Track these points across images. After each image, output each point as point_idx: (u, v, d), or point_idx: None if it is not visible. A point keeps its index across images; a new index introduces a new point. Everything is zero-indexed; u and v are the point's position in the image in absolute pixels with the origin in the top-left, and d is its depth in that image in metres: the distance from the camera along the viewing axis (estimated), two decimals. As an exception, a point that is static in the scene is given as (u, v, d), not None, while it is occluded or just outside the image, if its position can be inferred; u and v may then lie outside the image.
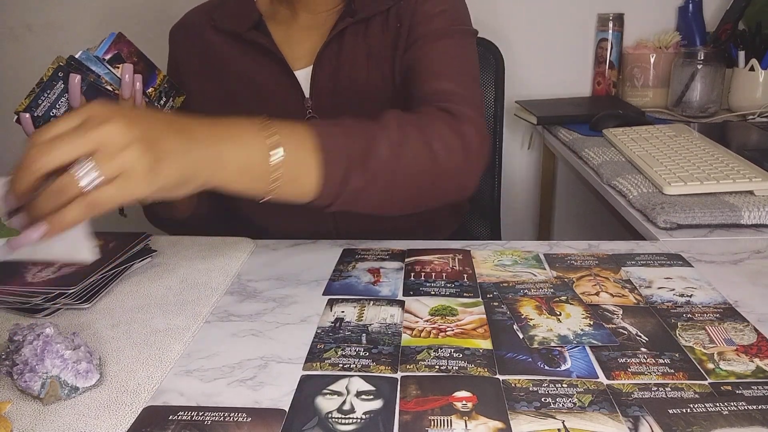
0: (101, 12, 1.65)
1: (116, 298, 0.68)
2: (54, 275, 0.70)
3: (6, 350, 0.54)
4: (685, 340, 0.56)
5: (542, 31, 1.56)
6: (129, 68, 0.69)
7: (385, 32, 0.87)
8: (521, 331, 0.58)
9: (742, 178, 0.88)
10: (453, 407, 0.47)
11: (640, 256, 0.73)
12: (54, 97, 0.65)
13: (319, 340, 0.58)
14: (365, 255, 0.76)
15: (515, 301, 0.64)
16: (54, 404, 0.50)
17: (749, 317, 0.59)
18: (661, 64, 1.48)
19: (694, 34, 1.49)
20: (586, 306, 0.62)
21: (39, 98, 0.66)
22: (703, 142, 1.05)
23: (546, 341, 0.56)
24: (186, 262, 0.77)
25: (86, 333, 0.61)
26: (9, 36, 1.68)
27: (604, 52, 1.54)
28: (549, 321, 0.60)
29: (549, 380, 0.51)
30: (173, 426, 0.47)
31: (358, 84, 0.87)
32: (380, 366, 0.53)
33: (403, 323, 0.60)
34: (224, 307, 0.65)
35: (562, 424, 0.45)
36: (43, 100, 0.65)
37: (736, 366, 0.52)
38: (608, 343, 0.55)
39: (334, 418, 0.47)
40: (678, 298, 0.63)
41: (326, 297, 0.66)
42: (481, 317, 0.61)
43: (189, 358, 0.56)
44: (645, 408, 0.47)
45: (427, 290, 0.67)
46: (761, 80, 1.35)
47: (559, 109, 1.41)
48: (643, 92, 1.50)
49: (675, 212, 0.81)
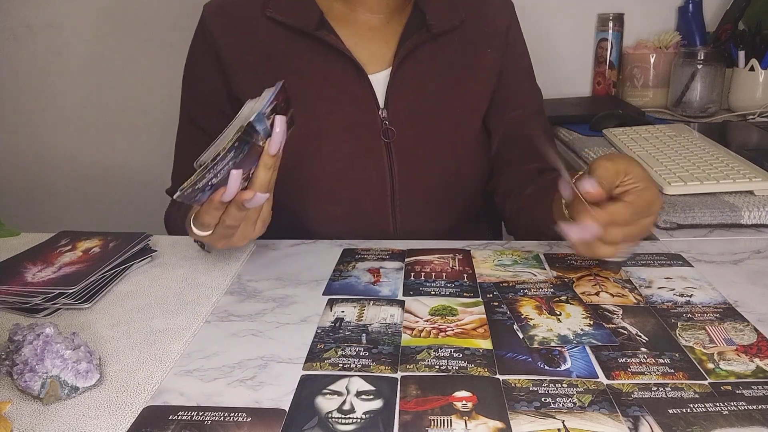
0: (101, 12, 1.65)
1: (116, 298, 0.68)
2: (54, 275, 0.70)
3: (6, 350, 0.54)
4: (685, 340, 0.56)
5: (542, 31, 1.56)
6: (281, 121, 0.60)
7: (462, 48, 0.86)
8: (521, 331, 0.58)
9: (742, 178, 0.88)
10: (453, 407, 0.47)
11: (640, 256, 0.73)
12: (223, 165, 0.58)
13: (319, 340, 0.58)
14: (365, 255, 0.76)
15: (515, 301, 0.64)
16: (54, 404, 0.50)
17: (749, 317, 0.59)
18: (661, 64, 1.48)
19: (694, 34, 1.49)
20: (586, 306, 0.62)
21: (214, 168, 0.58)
22: (703, 142, 1.05)
23: (546, 341, 0.56)
24: (186, 262, 0.77)
25: (86, 333, 0.61)
26: (9, 36, 1.68)
27: (604, 52, 1.54)
28: (549, 321, 0.60)
29: (549, 380, 0.51)
30: (173, 426, 0.47)
31: (434, 99, 0.86)
32: (380, 366, 0.53)
33: (403, 323, 0.60)
34: (224, 307, 0.65)
35: (562, 424, 0.45)
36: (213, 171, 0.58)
37: (736, 366, 0.52)
38: (608, 343, 0.55)
39: (334, 418, 0.47)
40: (678, 298, 0.63)
41: (326, 297, 0.66)
42: (481, 317, 0.61)
43: (189, 358, 0.56)
44: (645, 408, 0.47)
45: (427, 290, 0.67)
46: (761, 80, 1.35)
47: (559, 109, 1.41)
48: (643, 92, 1.51)
49: (675, 212, 0.81)
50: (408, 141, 0.85)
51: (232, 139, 0.56)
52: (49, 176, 1.81)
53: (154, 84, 1.69)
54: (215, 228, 0.64)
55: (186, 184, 0.57)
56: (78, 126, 1.76)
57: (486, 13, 0.90)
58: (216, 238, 0.66)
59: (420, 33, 0.84)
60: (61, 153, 1.79)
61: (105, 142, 1.77)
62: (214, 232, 0.65)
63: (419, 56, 0.85)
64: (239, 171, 0.58)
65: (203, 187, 0.58)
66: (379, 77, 0.85)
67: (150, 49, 1.66)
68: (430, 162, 0.86)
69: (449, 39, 0.86)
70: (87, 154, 1.79)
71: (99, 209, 1.83)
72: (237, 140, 0.56)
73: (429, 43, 0.85)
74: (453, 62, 0.87)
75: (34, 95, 1.73)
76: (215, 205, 0.60)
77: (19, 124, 1.76)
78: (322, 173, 0.84)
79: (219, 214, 0.62)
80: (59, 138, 1.77)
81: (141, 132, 1.75)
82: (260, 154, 0.60)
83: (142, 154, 1.77)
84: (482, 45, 0.88)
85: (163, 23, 1.64)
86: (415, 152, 0.86)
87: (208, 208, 0.61)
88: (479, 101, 0.89)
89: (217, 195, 0.59)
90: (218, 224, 0.63)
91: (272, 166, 0.61)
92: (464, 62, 0.87)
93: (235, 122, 0.61)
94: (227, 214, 0.62)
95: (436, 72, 0.86)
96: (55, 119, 1.75)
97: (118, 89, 1.72)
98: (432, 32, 0.84)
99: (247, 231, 0.66)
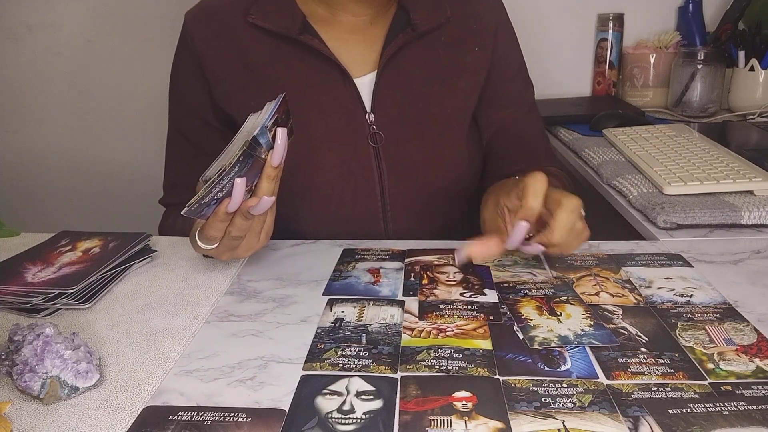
0: (100, 12, 1.65)
1: (116, 298, 0.68)
2: (54, 275, 0.70)
3: (6, 350, 0.54)
4: (685, 340, 0.56)
5: (542, 31, 1.56)
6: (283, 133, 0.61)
7: (448, 47, 0.85)
8: (521, 332, 0.58)
9: (742, 178, 0.88)
10: (453, 407, 0.47)
11: (640, 256, 0.73)
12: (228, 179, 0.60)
13: (319, 340, 0.58)
14: (365, 255, 0.76)
15: (515, 302, 0.64)
16: (54, 404, 0.50)
17: (749, 317, 0.59)
18: (661, 64, 1.48)
19: (694, 34, 1.49)
20: (586, 306, 0.62)
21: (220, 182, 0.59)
22: (703, 142, 1.05)
23: (547, 342, 0.56)
24: (186, 262, 0.77)
25: (86, 333, 0.61)
26: (9, 36, 1.68)
27: (604, 52, 1.54)
28: (549, 321, 0.60)
29: (549, 380, 0.51)
30: (173, 426, 0.47)
31: (421, 101, 0.84)
32: (380, 366, 0.53)
33: (403, 323, 0.60)
34: (224, 307, 0.65)
35: (562, 424, 0.45)
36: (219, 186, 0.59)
37: (736, 366, 0.52)
38: (609, 343, 0.55)
39: (334, 418, 0.47)
40: (678, 298, 0.63)
41: (326, 297, 0.66)
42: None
43: (189, 358, 0.56)
44: (645, 408, 0.47)
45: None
46: (761, 80, 1.35)
47: (559, 109, 1.41)
48: (643, 92, 1.51)
49: (675, 212, 0.81)
50: (397, 145, 0.84)
51: (237, 153, 0.57)
52: (49, 176, 1.81)
53: (152, 84, 1.69)
54: (221, 240, 0.64)
55: (193, 200, 0.58)
56: (78, 126, 1.76)
57: (473, 10, 0.87)
58: (221, 251, 0.66)
59: (405, 33, 0.82)
60: (60, 153, 1.79)
61: (105, 141, 1.77)
62: (219, 244, 0.64)
63: (405, 57, 0.83)
64: (243, 179, 0.59)
65: (209, 202, 0.59)
66: (365, 81, 0.83)
67: (149, 49, 1.66)
68: (419, 165, 0.85)
69: (435, 38, 0.85)
70: (87, 154, 1.78)
71: (99, 209, 1.83)
72: (242, 155, 0.57)
73: (414, 43, 0.83)
74: (440, 62, 0.85)
75: (33, 95, 1.73)
76: (220, 218, 0.61)
77: (18, 124, 1.76)
78: (311, 180, 0.83)
79: (224, 227, 0.62)
80: (59, 138, 1.77)
81: (141, 132, 1.75)
82: (263, 166, 0.61)
83: (141, 153, 1.77)
84: (469, 43, 0.86)
85: (162, 23, 1.64)
86: (404, 156, 0.84)
87: (213, 221, 0.61)
88: (467, 101, 0.87)
89: (222, 207, 0.59)
90: (224, 236, 0.63)
91: (275, 177, 0.62)
92: (451, 61, 0.85)
93: (239, 136, 0.62)
94: (232, 224, 0.62)
95: (422, 73, 0.84)
96: (55, 119, 1.75)
97: (117, 89, 1.72)
98: (417, 31, 0.82)
99: (252, 242, 0.66)
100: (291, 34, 0.79)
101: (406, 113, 0.84)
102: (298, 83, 0.82)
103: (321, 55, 0.81)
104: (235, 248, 0.66)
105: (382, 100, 0.83)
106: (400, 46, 0.82)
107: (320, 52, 0.80)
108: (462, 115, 0.87)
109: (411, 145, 0.85)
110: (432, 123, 0.85)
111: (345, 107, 0.83)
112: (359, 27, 0.84)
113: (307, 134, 0.82)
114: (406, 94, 0.84)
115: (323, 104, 0.82)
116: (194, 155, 0.88)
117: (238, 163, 0.57)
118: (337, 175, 0.84)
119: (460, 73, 0.86)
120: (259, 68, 0.82)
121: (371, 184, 0.85)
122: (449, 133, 0.87)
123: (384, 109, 0.83)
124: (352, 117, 0.83)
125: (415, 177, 0.85)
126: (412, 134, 0.85)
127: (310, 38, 0.80)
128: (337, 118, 0.83)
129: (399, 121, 0.84)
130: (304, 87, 0.82)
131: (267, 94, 0.81)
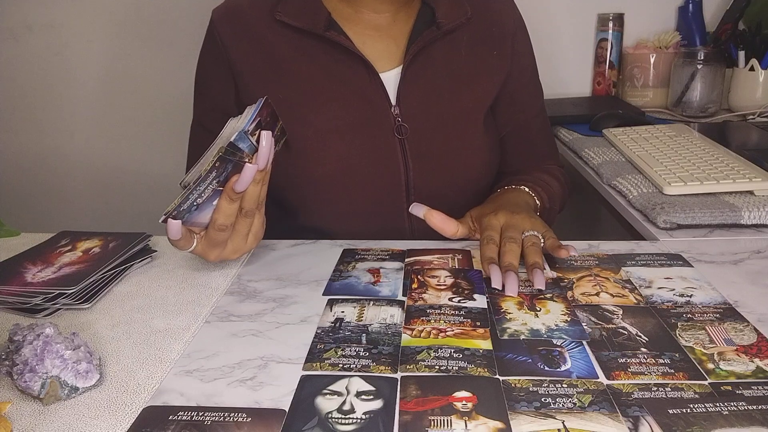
0: (101, 12, 1.65)
1: (116, 298, 0.68)
2: (54, 275, 0.70)
3: (6, 350, 0.54)
4: (685, 340, 0.56)
5: (542, 31, 1.56)
6: (267, 136, 0.61)
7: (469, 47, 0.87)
8: (496, 324, 0.58)
9: (742, 178, 0.88)
10: (453, 407, 0.47)
11: (640, 256, 0.73)
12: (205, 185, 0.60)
13: (319, 340, 0.58)
14: (365, 255, 0.76)
15: (500, 296, 0.64)
16: (54, 404, 0.50)
17: (749, 317, 0.59)
18: (661, 64, 1.48)
19: (694, 34, 1.49)
20: (569, 304, 0.62)
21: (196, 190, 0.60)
22: (703, 142, 1.05)
23: (516, 334, 0.57)
24: (186, 262, 0.77)
25: (86, 333, 0.61)
26: (9, 36, 1.68)
27: (604, 52, 1.54)
28: (526, 316, 0.60)
29: (549, 380, 0.51)
30: (173, 426, 0.47)
31: (445, 96, 0.86)
32: (380, 366, 0.53)
33: (403, 323, 0.60)
34: (224, 307, 0.65)
35: (562, 424, 0.45)
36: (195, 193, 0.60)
37: (736, 366, 0.52)
38: (579, 338, 0.56)
39: (334, 418, 0.47)
40: (678, 298, 0.63)
41: (326, 297, 0.66)
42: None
43: (189, 358, 0.56)
44: (645, 408, 0.47)
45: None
46: (761, 80, 1.35)
47: (559, 109, 1.41)
48: (643, 92, 1.50)
49: (675, 212, 0.81)
50: (421, 137, 0.86)
51: (212, 160, 0.57)
52: (49, 176, 1.81)
53: (153, 83, 1.69)
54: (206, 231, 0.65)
55: (170, 207, 0.59)
56: (77, 126, 1.76)
57: (491, 13, 0.90)
58: (207, 245, 0.67)
59: (430, 31, 0.84)
60: (60, 153, 1.79)
61: (105, 141, 1.77)
62: (205, 235, 0.66)
63: (430, 54, 0.85)
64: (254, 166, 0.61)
65: (189, 208, 0.60)
66: (390, 75, 0.85)
67: (150, 48, 1.66)
68: (444, 158, 0.87)
69: (458, 37, 0.87)
70: (87, 154, 1.79)
71: (99, 209, 1.83)
72: (218, 160, 0.58)
73: (439, 40, 0.86)
74: (461, 60, 0.87)
75: (33, 95, 1.73)
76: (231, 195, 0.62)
77: (18, 124, 1.76)
78: (337, 171, 0.84)
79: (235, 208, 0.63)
80: (59, 138, 1.77)
81: (141, 131, 1.75)
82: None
83: (142, 153, 1.77)
84: (489, 47, 0.89)
85: (164, 22, 1.64)
86: (429, 149, 0.86)
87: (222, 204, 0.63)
88: (484, 99, 0.90)
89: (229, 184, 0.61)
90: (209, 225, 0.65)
91: (260, 180, 0.63)
92: (472, 61, 0.88)
93: (217, 141, 0.63)
94: (218, 210, 0.63)
95: (446, 70, 0.87)
96: (55, 119, 1.75)
97: (118, 89, 1.72)
98: (442, 30, 0.84)
99: (239, 244, 0.68)
100: (317, 31, 0.81)
101: (430, 106, 0.86)
102: (323, 77, 0.84)
103: (346, 51, 0.82)
104: (222, 245, 0.67)
105: (407, 93, 0.85)
106: (426, 43, 0.84)
107: (345, 48, 0.82)
108: (478, 112, 0.89)
109: (436, 139, 0.86)
110: (453, 117, 0.87)
111: (370, 99, 0.84)
112: (382, 24, 0.87)
113: (333, 125, 0.83)
114: (431, 89, 0.86)
115: (348, 96, 0.84)
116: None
117: (215, 170, 0.58)
118: (363, 165, 0.85)
119: (480, 73, 0.89)
120: (285, 64, 0.84)
121: (397, 178, 0.86)
122: (469, 127, 0.89)
123: (409, 102, 0.85)
124: (377, 109, 0.84)
125: (440, 171, 0.87)
126: (436, 127, 0.86)
127: (335, 35, 0.82)
128: (362, 110, 0.84)
129: (424, 114, 0.85)
130: (329, 80, 0.84)
131: (292, 89, 0.84)
